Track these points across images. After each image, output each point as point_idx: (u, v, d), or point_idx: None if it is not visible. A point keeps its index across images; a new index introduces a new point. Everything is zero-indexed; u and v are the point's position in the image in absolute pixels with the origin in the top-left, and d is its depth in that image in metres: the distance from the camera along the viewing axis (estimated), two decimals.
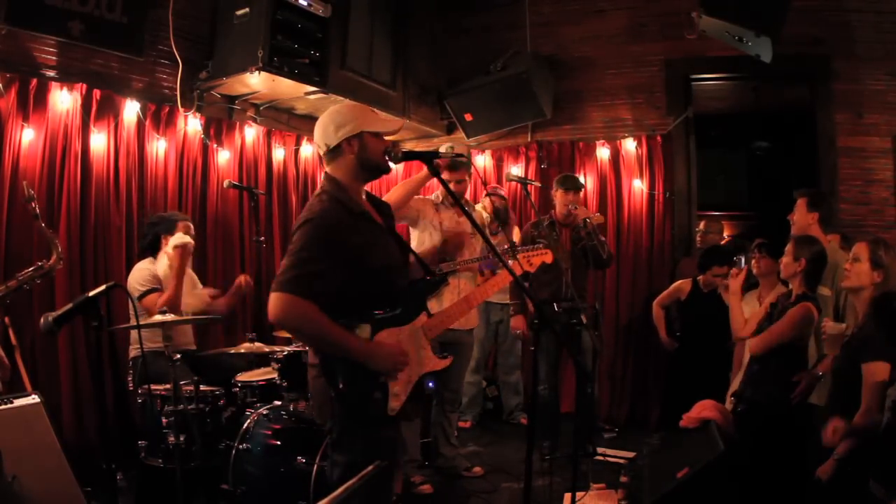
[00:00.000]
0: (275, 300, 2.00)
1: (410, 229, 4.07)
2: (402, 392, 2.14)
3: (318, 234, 2.07)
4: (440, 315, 2.34)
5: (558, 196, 4.52)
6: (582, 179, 5.67)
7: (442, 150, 2.61)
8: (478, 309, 4.37)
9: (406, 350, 2.15)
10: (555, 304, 4.24)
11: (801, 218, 3.43)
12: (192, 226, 3.81)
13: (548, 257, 3.00)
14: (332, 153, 2.20)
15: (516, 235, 5.13)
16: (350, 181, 2.21)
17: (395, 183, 6.40)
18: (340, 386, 2.08)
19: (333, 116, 2.20)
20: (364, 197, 2.29)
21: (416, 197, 3.84)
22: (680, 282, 4.72)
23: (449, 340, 3.94)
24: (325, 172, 2.25)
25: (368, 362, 2.07)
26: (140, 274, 3.64)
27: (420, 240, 3.93)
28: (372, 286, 2.16)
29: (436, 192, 4.16)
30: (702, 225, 5.06)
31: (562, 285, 4.34)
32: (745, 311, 3.55)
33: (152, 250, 3.76)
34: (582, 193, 4.65)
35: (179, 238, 3.57)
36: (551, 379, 4.46)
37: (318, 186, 2.26)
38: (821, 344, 3.17)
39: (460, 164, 3.77)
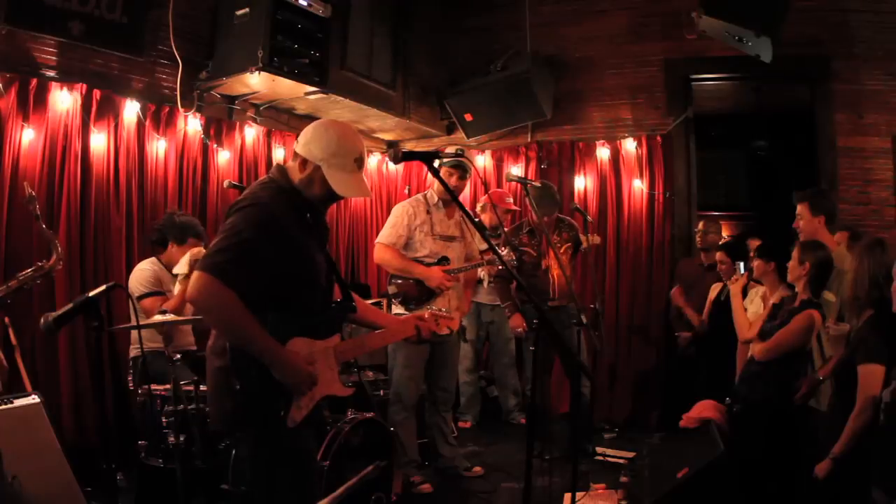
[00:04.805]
0: (197, 280, 1.90)
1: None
2: (305, 407, 2.03)
3: (261, 220, 1.97)
4: (355, 342, 2.33)
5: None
6: (582, 179, 5.71)
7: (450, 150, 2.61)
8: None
9: (315, 364, 2.05)
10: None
11: (808, 224, 3.33)
12: (202, 249, 3.57)
13: None
14: (301, 158, 2.11)
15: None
16: (299, 187, 2.12)
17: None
18: (244, 387, 1.98)
19: (329, 137, 2.08)
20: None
21: (405, 214, 3.86)
22: (713, 286, 4.59)
23: (433, 340, 3.91)
24: (281, 165, 2.17)
25: (275, 368, 1.94)
26: (141, 275, 3.63)
27: (414, 248, 3.90)
28: (296, 290, 2.07)
29: (429, 191, 4.06)
30: (701, 225, 5.05)
31: (547, 288, 4.41)
32: (750, 308, 3.56)
33: (158, 245, 3.74)
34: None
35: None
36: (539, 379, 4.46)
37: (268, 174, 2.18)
38: (824, 346, 3.16)
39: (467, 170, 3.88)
